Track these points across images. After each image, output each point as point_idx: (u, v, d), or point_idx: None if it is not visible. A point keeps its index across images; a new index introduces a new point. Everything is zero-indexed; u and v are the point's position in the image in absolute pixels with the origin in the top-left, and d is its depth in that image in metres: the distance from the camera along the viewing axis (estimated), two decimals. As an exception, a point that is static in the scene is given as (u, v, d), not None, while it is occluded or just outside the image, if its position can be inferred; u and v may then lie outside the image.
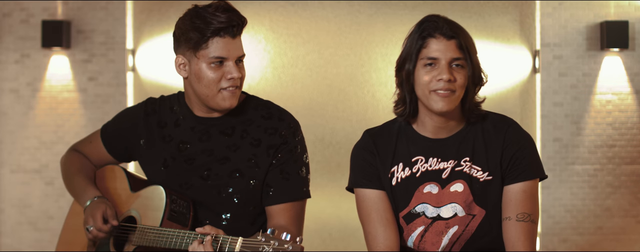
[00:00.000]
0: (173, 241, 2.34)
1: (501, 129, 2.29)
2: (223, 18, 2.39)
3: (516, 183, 2.26)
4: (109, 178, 2.66)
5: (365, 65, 5.01)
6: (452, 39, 2.22)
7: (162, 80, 5.08)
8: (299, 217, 2.49)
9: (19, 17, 5.09)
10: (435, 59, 2.22)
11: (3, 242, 5.16)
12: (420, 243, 2.30)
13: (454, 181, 2.28)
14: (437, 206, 2.29)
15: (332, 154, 4.98)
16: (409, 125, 2.35)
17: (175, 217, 2.42)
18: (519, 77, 4.99)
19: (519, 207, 2.24)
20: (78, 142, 2.76)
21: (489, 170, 2.27)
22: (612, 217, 4.92)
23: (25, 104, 5.12)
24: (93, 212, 2.48)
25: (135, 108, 2.64)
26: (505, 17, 4.98)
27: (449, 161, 2.29)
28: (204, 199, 2.49)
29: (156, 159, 2.55)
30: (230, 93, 2.42)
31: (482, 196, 2.27)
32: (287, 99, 4.98)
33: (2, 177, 5.14)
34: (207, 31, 2.39)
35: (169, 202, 2.41)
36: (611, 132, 4.91)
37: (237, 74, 2.40)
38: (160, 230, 2.38)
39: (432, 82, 2.21)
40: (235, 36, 2.42)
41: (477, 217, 2.27)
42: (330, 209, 4.93)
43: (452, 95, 2.22)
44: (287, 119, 2.51)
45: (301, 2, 5.04)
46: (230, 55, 2.40)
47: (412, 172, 2.31)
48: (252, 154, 2.46)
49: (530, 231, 2.23)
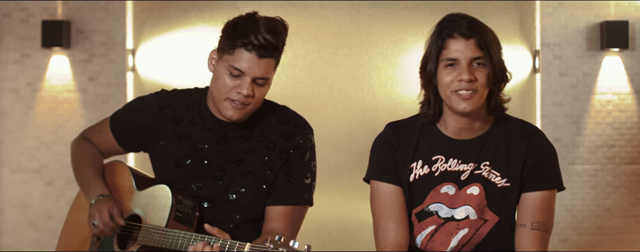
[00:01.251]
0: (179, 243, 2.33)
1: (526, 135, 2.28)
2: (260, 36, 2.37)
3: (535, 191, 2.24)
4: (115, 174, 2.64)
5: (365, 65, 5.01)
6: (471, 38, 2.21)
7: (162, 80, 5.08)
8: (295, 224, 2.48)
9: (19, 17, 5.08)
10: (455, 60, 2.20)
11: (3, 242, 5.16)
12: (429, 242, 2.29)
13: (471, 184, 2.27)
14: (452, 207, 2.28)
15: (332, 154, 4.98)
16: (433, 123, 2.34)
17: (180, 218, 2.41)
18: (519, 77, 4.99)
19: (536, 216, 2.23)
20: (88, 130, 2.72)
21: (508, 176, 2.25)
22: (612, 217, 4.92)
23: (25, 104, 5.12)
24: (100, 208, 2.48)
25: (148, 99, 2.60)
26: (505, 17, 4.98)
27: (469, 163, 2.27)
28: (215, 199, 2.48)
29: (168, 155, 2.53)
30: (235, 107, 2.41)
31: (496, 202, 2.26)
32: (287, 99, 4.97)
33: (2, 177, 5.14)
34: (238, 40, 2.38)
35: (175, 202, 2.41)
36: (611, 132, 4.91)
37: (246, 91, 2.38)
38: (166, 231, 2.37)
39: (454, 82, 2.20)
40: (263, 57, 2.38)
41: (489, 222, 2.26)
42: (330, 209, 4.92)
43: (475, 95, 2.20)
44: (303, 125, 2.52)
45: (301, 2, 5.03)
46: (249, 71, 2.38)
47: (431, 170, 2.29)
48: (266, 157, 2.47)
49: (543, 240, 2.23)
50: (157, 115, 2.55)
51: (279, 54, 2.43)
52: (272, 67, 2.42)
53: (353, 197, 4.94)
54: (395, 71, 4.98)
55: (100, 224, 2.46)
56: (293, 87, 5.04)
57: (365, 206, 2.41)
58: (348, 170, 4.94)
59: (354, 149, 4.92)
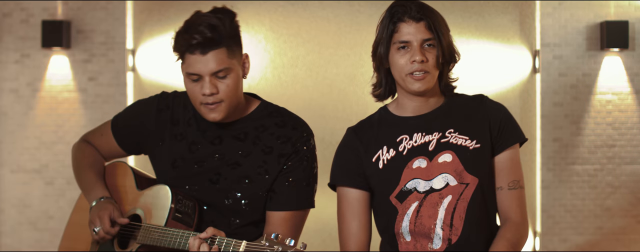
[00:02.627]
0: (177, 241, 2.34)
1: (479, 101, 2.37)
2: (195, 35, 2.38)
3: (503, 152, 2.33)
4: (116, 175, 2.65)
5: (365, 65, 5.01)
6: (421, 21, 2.29)
7: (162, 80, 5.08)
8: (297, 228, 2.48)
9: (19, 17, 5.09)
10: (407, 42, 2.29)
11: (3, 242, 5.16)
12: (417, 219, 2.31)
13: (442, 152, 2.32)
14: (428, 179, 2.32)
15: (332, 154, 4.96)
16: (388, 111, 2.41)
17: (180, 218, 2.41)
18: (519, 77, 4.99)
19: (510, 176, 2.33)
20: (89, 133, 2.73)
21: (476, 138, 2.32)
22: (612, 217, 4.92)
23: (25, 104, 5.12)
24: (100, 214, 2.47)
25: (148, 102, 2.61)
26: (505, 17, 4.98)
27: (433, 133, 2.34)
28: (212, 203, 2.48)
29: (166, 157, 2.53)
30: (210, 109, 2.41)
31: (473, 164, 2.31)
32: (287, 99, 4.98)
33: (2, 177, 5.14)
34: (181, 49, 2.42)
35: (174, 202, 2.41)
36: (611, 132, 4.91)
37: (208, 90, 2.38)
38: (165, 230, 2.37)
39: (407, 65, 2.28)
40: (206, 53, 2.38)
41: (471, 185, 2.30)
42: (330, 209, 4.91)
43: (427, 75, 2.29)
44: (301, 127, 2.51)
45: (301, 2, 5.04)
46: (202, 71, 2.39)
47: (398, 151, 2.35)
48: (263, 161, 2.45)
49: (521, 196, 2.33)
50: (156, 117, 2.56)
51: (225, 42, 2.40)
52: (226, 56, 2.40)
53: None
54: (395, 71, 4.99)
55: (101, 231, 2.46)
56: (293, 87, 5.04)
57: (365, 206, 2.43)
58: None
59: (354, 149, 4.92)
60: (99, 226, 2.46)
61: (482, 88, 4.82)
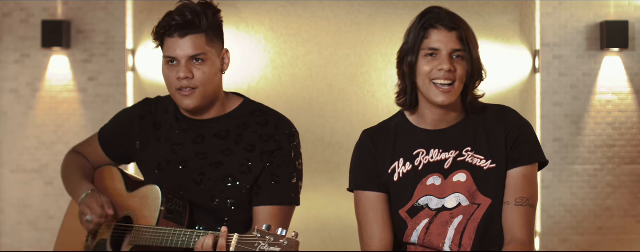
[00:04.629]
0: (170, 239, 2.34)
1: (501, 117, 2.32)
2: (175, 17, 2.40)
3: (516, 168, 2.28)
4: (105, 178, 2.66)
5: (365, 65, 5.01)
6: (453, 30, 2.24)
7: (162, 80, 5.05)
8: (284, 224, 2.47)
9: (19, 17, 5.09)
10: (437, 50, 2.24)
11: (3, 242, 5.16)
12: (426, 236, 2.30)
13: (457, 171, 2.29)
14: (441, 197, 2.29)
15: (332, 154, 4.98)
16: (407, 120, 2.36)
17: (171, 217, 2.42)
18: (519, 77, 4.99)
19: (518, 192, 2.26)
20: (78, 145, 2.76)
21: (492, 158, 2.28)
22: (612, 217, 4.92)
23: (25, 104, 5.12)
24: (89, 203, 2.48)
25: (131, 110, 2.64)
26: (505, 17, 4.98)
27: (450, 151, 2.30)
28: (200, 203, 2.48)
29: (151, 161, 2.54)
30: (183, 95, 2.42)
31: (486, 184, 2.28)
32: (287, 99, 4.98)
33: (2, 177, 5.14)
34: (159, 33, 2.44)
35: (165, 201, 2.42)
36: (611, 132, 4.91)
37: (183, 74, 2.39)
38: (157, 229, 2.38)
39: (433, 71, 2.23)
40: (185, 35, 2.39)
41: (483, 206, 2.27)
42: (330, 209, 4.93)
43: (452, 87, 2.24)
44: (283, 126, 2.49)
45: (301, 2, 5.04)
46: (178, 55, 2.40)
47: (414, 165, 2.31)
48: (246, 159, 2.45)
49: (529, 215, 2.25)
50: (140, 124, 2.57)
51: (204, 29, 2.40)
52: (204, 43, 2.40)
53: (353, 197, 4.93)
54: (395, 71, 4.97)
55: (95, 217, 2.46)
56: (293, 87, 5.04)
57: (365, 206, 2.42)
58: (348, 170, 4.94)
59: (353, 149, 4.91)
60: (89, 213, 2.46)
61: (482, 87, 4.81)
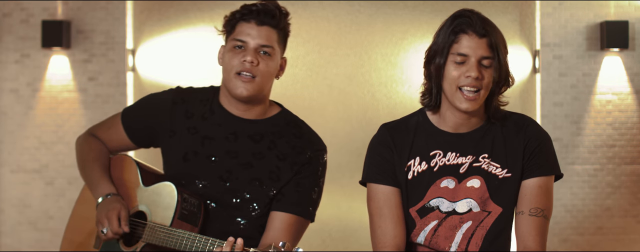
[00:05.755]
0: (183, 243, 2.33)
1: (521, 127, 2.31)
2: (256, 4, 2.41)
3: (532, 178, 2.27)
4: (121, 168, 2.63)
5: (365, 65, 5.01)
6: (484, 37, 2.23)
7: (162, 81, 5.08)
8: (296, 235, 2.47)
9: (19, 17, 5.09)
10: (465, 56, 2.22)
11: (3, 242, 5.16)
12: (433, 237, 2.29)
13: (471, 177, 2.28)
14: (453, 201, 2.29)
15: (332, 154, 4.96)
16: (427, 119, 2.35)
17: (186, 217, 2.41)
18: (519, 77, 4.99)
19: (533, 202, 2.25)
20: (95, 127, 2.71)
21: (508, 167, 2.27)
22: (612, 217, 4.92)
23: (25, 104, 5.12)
24: (108, 214, 2.46)
25: (163, 94, 2.60)
26: (505, 17, 4.98)
27: (467, 156, 2.29)
28: (220, 200, 2.47)
29: (178, 149, 2.52)
30: (243, 81, 2.41)
31: (499, 193, 2.27)
32: (287, 99, 4.96)
33: (2, 177, 5.14)
34: (236, 17, 2.42)
35: (180, 201, 2.40)
36: (611, 132, 4.91)
37: (250, 58, 2.39)
38: (171, 230, 2.37)
39: (461, 78, 2.22)
40: (262, 24, 2.40)
41: (493, 214, 2.27)
42: (330, 209, 4.92)
43: (477, 95, 2.22)
44: (316, 142, 2.51)
45: (301, 2, 5.04)
46: (250, 40, 2.40)
47: (430, 166, 2.30)
48: (276, 167, 2.45)
49: (542, 226, 2.24)
50: (170, 110, 2.55)
51: (280, 25, 2.43)
52: (275, 38, 2.43)
53: (353, 197, 4.94)
54: (395, 71, 4.98)
55: (110, 232, 2.45)
56: (293, 87, 5.04)
57: (365, 206, 2.41)
58: (348, 170, 4.94)
59: (353, 149, 4.91)
60: (107, 226, 2.46)
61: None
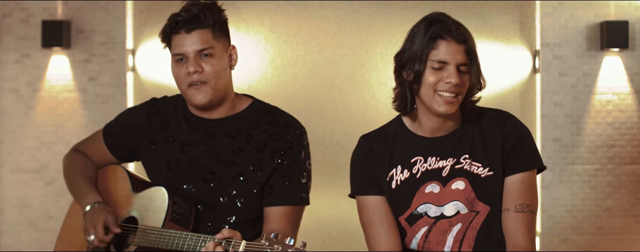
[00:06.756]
0: (175, 242, 2.34)
1: (499, 123, 2.31)
2: (180, 13, 2.42)
3: (514, 174, 2.27)
4: (110, 178, 2.65)
5: (365, 65, 5.01)
6: (462, 43, 2.23)
7: (162, 81, 5.08)
8: (295, 223, 2.48)
9: (19, 17, 5.09)
10: (444, 63, 2.22)
11: (3, 242, 5.16)
12: (425, 244, 2.30)
13: (455, 179, 2.29)
14: (440, 205, 2.29)
15: (332, 154, 4.98)
16: (404, 126, 2.36)
17: (177, 219, 2.42)
18: (519, 77, 4.99)
19: (518, 198, 2.25)
20: (80, 143, 2.74)
21: (489, 165, 2.28)
22: (612, 217, 4.92)
23: (25, 104, 5.12)
24: (94, 222, 2.47)
25: (138, 108, 2.63)
26: (505, 17, 4.98)
27: (448, 159, 2.30)
28: (208, 202, 2.48)
29: (159, 160, 2.54)
30: (195, 90, 2.43)
31: (484, 192, 2.27)
32: (287, 99, 4.98)
33: (2, 177, 5.14)
34: (167, 32, 2.45)
35: (171, 203, 2.41)
36: (611, 132, 4.91)
37: (193, 68, 2.41)
38: (162, 231, 2.38)
39: (439, 83, 2.22)
40: (191, 30, 2.41)
41: (481, 213, 2.27)
42: (330, 209, 4.93)
43: (455, 99, 2.23)
44: (294, 125, 2.51)
45: (301, 2, 5.04)
46: (186, 50, 2.42)
47: (412, 173, 2.31)
48: (257, 158, 2.46)
49: (529, 221, 2.25)
50: (148, 122, 2.57)
51: (210, 24, 2.42)
52: (210, 37, 2.42)
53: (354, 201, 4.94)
54: (395, 71, 4.98)
55: (95, 240, 2.46)
56: (293, 87, 5.04)
57: (365, 206, 2.42)
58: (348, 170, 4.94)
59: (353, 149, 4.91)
60: (93, 234, 2.46)
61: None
